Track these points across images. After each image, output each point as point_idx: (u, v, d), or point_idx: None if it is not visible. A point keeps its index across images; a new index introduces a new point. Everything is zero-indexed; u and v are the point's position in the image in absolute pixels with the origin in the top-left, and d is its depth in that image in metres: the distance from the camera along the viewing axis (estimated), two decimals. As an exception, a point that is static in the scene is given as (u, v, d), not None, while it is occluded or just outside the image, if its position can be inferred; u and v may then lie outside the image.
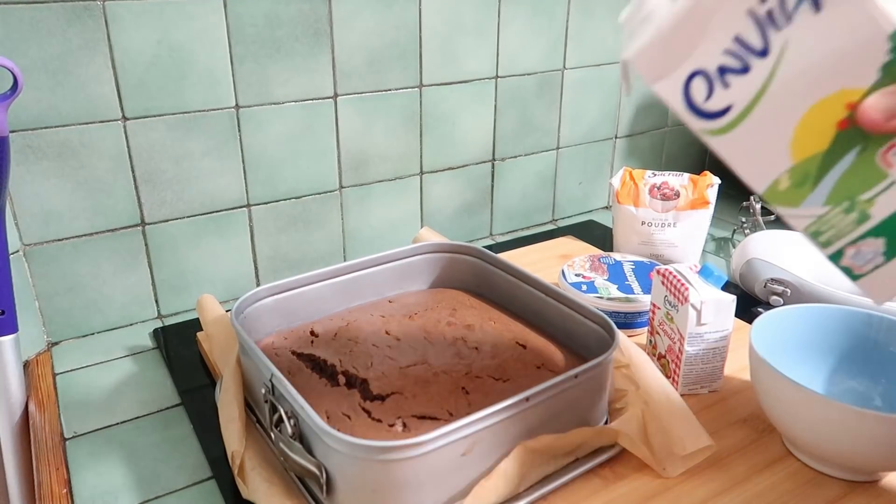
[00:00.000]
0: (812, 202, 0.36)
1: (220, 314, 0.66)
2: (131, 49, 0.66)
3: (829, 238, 0.37)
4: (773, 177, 0.36)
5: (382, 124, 0.82)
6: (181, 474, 0.54)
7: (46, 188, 0.66)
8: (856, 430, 0.47)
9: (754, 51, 0.33)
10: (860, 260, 0.37)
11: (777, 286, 0.73)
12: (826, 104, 0.34)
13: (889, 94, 0.33)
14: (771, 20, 0.33)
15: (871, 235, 0.36)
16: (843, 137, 0.34)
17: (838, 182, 0.35)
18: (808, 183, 0.36)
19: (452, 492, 0.46)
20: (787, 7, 0.32)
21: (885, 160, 0.34)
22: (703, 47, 0.34)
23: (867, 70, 0.32)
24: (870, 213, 0.36)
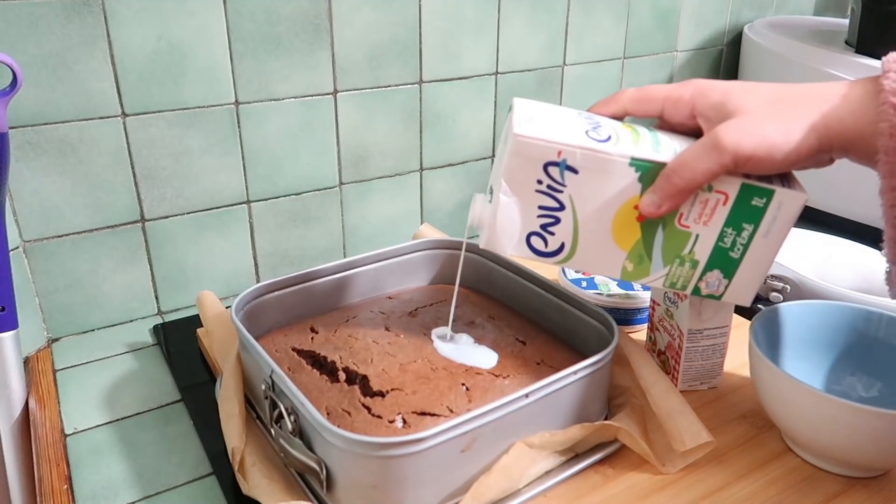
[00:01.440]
0: (655, 269, 0.49)
1: (220, 310, 0.66)
2: (131, 45, 0.66)
3: (682, 284, 0.49)
4: (620, 266, 0.49)
5: (382, 120, 0.82)
6: (181, 470, 0.54)
7: (46, 184, 0.66)
8: (855, 427, 0.47)
9: (555, 208, 0.47)
10: (713, 287, 0.49)
11: (777, 283, 0.73)
12: (623, 212, 0.46)
13: (651, 194, 0.45)
14: (553, 189, 0.46)
15: (707, 271, 0.48)
16: (646, 225, 0.47)
17: (663, 250, 0.48)
18: (644, 260, 0.48)
19: (452, 488, 0.46)
20: (556, 179, 0.46)
21: (682, 225, 0.47)
22: (524, 221, 0.47)
23: (632, 184, 0.45)
24: (696, 259, 0.48)
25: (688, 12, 1.04)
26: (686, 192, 0.44)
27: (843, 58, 0.93)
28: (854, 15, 0.98)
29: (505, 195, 0.46)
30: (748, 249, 0.47)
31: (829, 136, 0.42)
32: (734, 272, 0.48)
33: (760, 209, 0.46)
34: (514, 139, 0.44)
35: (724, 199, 0.45)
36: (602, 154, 0.45)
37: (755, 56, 1.06)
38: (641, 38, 1.00)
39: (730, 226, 0.46)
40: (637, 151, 0.45)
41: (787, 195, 0.45)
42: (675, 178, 0.44)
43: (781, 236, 0.47)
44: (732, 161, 0.43)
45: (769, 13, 1.16)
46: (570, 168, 0.45)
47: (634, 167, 0.45)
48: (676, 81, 1.08)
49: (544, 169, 0.45)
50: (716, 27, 1.09)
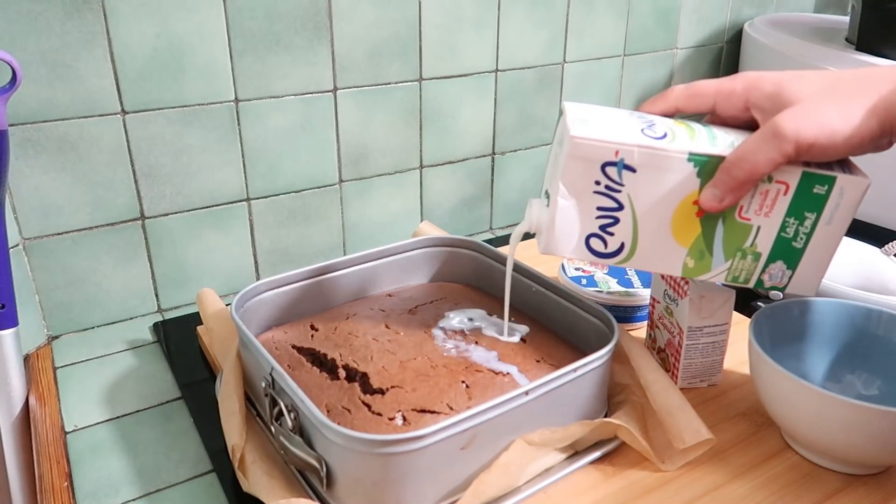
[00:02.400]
0: (717, 264, 0.48)
1: (220, 308, 0.66)
2: (130, 42, 0.66)
3: (745, 277, 0.49)
4: (681, 263, 0.49)
5: (382, 118, 0.82)
6: (182, 467, 0.54)
7: (46, 182, 0.66)
8: (854, 424, 0.47)
9: (614, 209, 0.47)
10: (776, 279, 0.49)
11: (777, 280, 0.73)
12: (682, 208, 0.46)
13: (711, 188, 0.45)
14: (611, 189, 0.46)
15: (770, 262, 0.48)
16: (706, 219, 0.47)
17: (724, 244, 0.48)
18: (705, 255, 0.48)
19: (452, 485, 0.46)
20: (614, 179, 0.46)
21: (743, 217, 0.47)
22: (582, 223, 0.47)
23: (691, 180, 0.45)
24: (758, 251, 0.48)
25: (688, 9, 1.04)
26: (748, 184, 0.44)
27: (843, 55, 0.93)
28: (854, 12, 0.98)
29: (563, 198, 0.46)
30: (811, 238, 0.47)
31: (889, 118, 0.42)
32: (798, 262, 0.48)
33: (822, 197, 0.45)
34: (571, 141, 0.44)
35: (784, 188, 0.45)
36: (660, 151, 0.45)
37: (755, 54, 1.05)
38: (642, 36, 1.00)
39: (792, 215, 0.46)
40: (694, 146, 0.45)
41: (849, 181, 0.45)
42: (735, 170, 0.44)
43: (845, 223, 0.46)
44: (794, 149, 0.42)
45: (769, 10, 1.16)
46: (628, 167, 0.45)
47: (693, 162, 0.45)
48: (677, 79, 1.09)
49: (602, 169, 0.45)
50: (716, 24, 1.09)
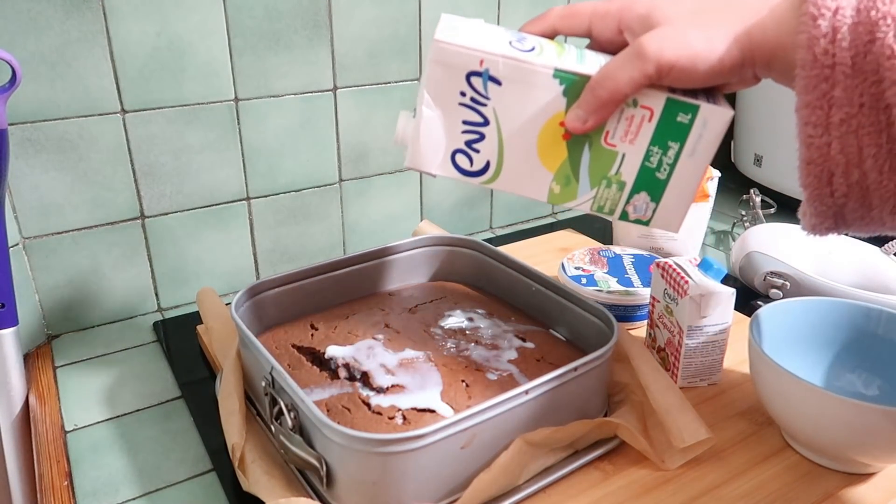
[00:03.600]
0: (582, 191, 0.48)
1: (220, 307, 0.66)
2: (130, 41, 0.66)
3: (610, 208, 0.48)
4: (546, 188, 0.48)
5: (382, 117, 0.82)
6: (182, 467, 0.54)
7: (46, 181, 0.66)
8: (854, 423, 0.47)
9: (479, 123, 0.46)
10: (640, 211, 0.48)
11: (776, 279, 0.73)
12: (548, 129, 0.46)
13: (576, 109, 0.44)
14: (476, 102, 0.45)
15: (634, 193, 0.47)
16: (572, 143, 0.46)
17: (590, 171, 0.47)
18: (571, 181, 0.47)
19: (452, 484, 0.46)
20: (480, 90, 0.45)
21: (609, 144, 0.46)
22: (448, 137, 0.46)
23: (557, 99, 0.45)
24: (623, 180, 0.47)
25: (688, 8, 1.03)
26: (611, 104, 0.43)
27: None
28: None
29: (428, 107, 0.45)
30: (675, 169, 0.46)
31: (751, 47, 0.41)
32: (661, 194, 0.47)
33: (686, 126, 0.45)
34: (435, 46, 0.44)
35: (649, 114, 0.45)
36: (525, 63, 0.44)
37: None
38: (641, 35, 1.00)
39: (656, 144, 0.45)
40: (561, 63, 0.44)
41: (713, 111, 0.44)
42: (599, 89, 0.43)
43: (707, 156, 0.46)
44: (655, 69, 0.42)
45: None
46: (493, 79, 0.44)
47: (559, 79, 0.44)
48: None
49: (467, 79, 0.44)
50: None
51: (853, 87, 0.37)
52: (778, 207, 0.94)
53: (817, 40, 0.37)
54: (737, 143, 1.08)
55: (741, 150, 1.06)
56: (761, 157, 1.00)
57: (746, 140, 1.04)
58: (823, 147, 0.38)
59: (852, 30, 0.36)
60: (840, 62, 0.37)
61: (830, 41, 0.37)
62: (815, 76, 0.37)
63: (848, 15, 0.37)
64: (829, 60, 0.37)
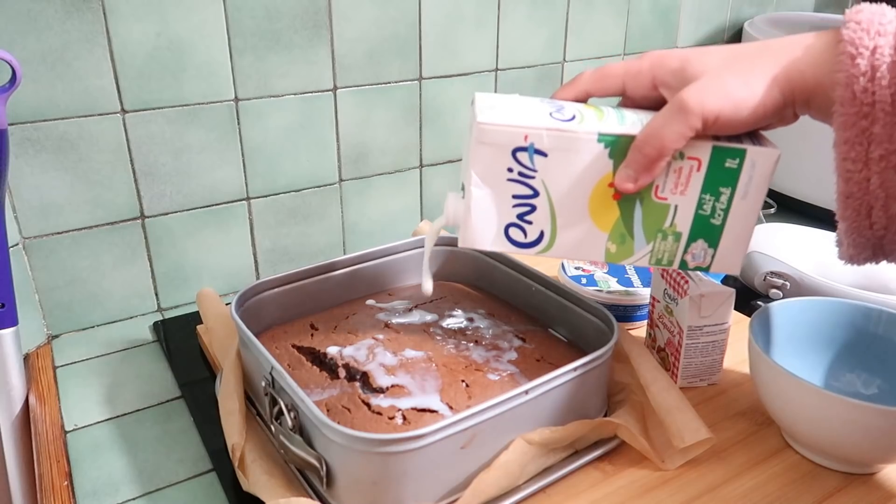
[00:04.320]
0: (639, 248, 0.48)
1: (220, 307, 0.66)
2: (130, 41, 0.66)
3: (668, 259, 0.49)
4: (603, 249, 0.48)
5: (382, 117, 0.82)
6: (182, 467, 0.54)
7: (46, 181, 0.66)
8: (854, 423, 0.47)
9: (530, 196, 0.46)
10: (699, 258, 0.48)
11: (776, 279, 0.73)
12: (598, 191, 0.46)
13: (624, 169, 0.45)
14: (524, 176, 0.46)
15: (691, 241, 0.48)
16: (623, 202, 0.47)
17: (644, 226, 0.47)
18: (627, 239, 0.48)
19: (452, 484, 0.46)
20: (526, 164, 0.45)
21: (660, 198, 0.46)
22: (500, 213, 0.47)
23: (604, 161, 0.45)
24: (679, 231, 0.47)
25: (688, 8, 1.04)
26: (659, 161, 0.44)
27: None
28: (854, 11, 0.98)
29: (477, 188, 0.46)
30: (729, 214, 0.47)
31: (791, 88, 0.42)
32: (719, 239, 0.48)
33: (735, 170, 0.45)
34: (478, 128, 0.44)
35: (697, 165, 0.45)
36: (568, 132, 0.44)
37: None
38: (641, 35, 1.00)
39: (707, 192, 0.46)
40: (603, 127, 0.45)
41: (760, 153, 0.45)
42: (646, 148, 0.43)
43: (760, 196, 0.46)
44: (701, 121, 0.42)
45: (769, 9, 1.16)
46: (539, 151, 0.45)
47: (603, 143, 0.45)
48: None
49: (513, 155, 0.45)
50: (716, 23, 1.09)
51: (893, 123, 0.38)
52: (778, 207, 0.94)
53: (856, 78, 0.38)
54: (737, 143, 1.08)
55: (741, 150, 1.06)
56: (761, 157, 1.00)
57: (746, 140, 1.04)
58: (863, 182, 0.40)
59: (891, 68, 0.37)
60: (880, 100, 0.38)
61: (870, 80, 0.38)
62: (854, 113, 0.38)
63: (886, 54, 0.38)
64: (868, 98, 0.38)
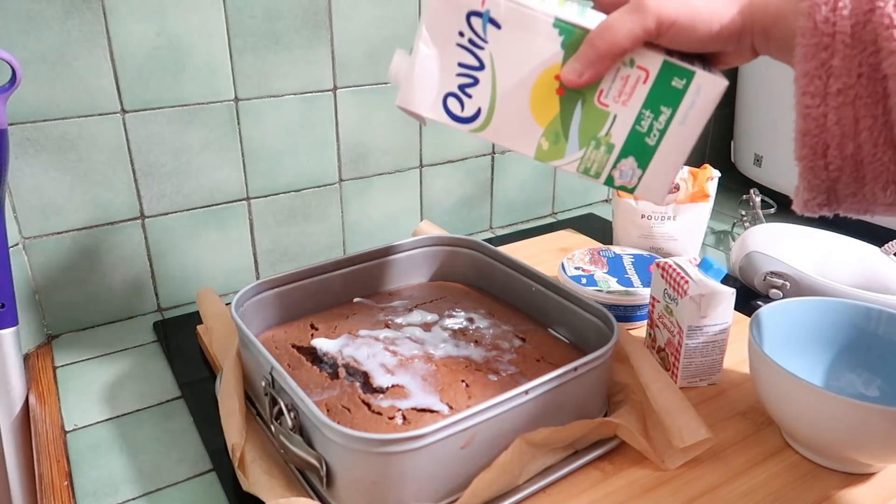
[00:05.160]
0: (570, 151, 0.47)
1: (219, 307, 0.66)
2: (130, 42, 0.66)
3: (596, 170, 0.48)
4: (535, 143, 0.47)
5: (382, 117, 0.82)
6: (181, 466, 0.54)
7: (46, 181, 0.66)
8: (854, 423, 0.47)
9: (475, 67, 0.45)
10: (626, 177, 0.48)
11: (776, 279, 0.73)
12: (542, 82, 0.45)
13: (573, 61, 0.44)
14: (474, 44, 0.45)
15: (622, 157, 0.47)
16: (565, 99, 0.46)
17: (580, 130, 0.46)
18: (560, 139, 0.47)
19: (452, 484, 0.46)
20: (479, 32, 0.44)
21: (601, 103, 0.45)
22: (442, 78, 0.46)
23: (555, 50, 0.44)
24: (612, 142, 0.46)
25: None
26: (608, 57, 0.43)
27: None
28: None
29: (425, 45, 0.45)
30: (664, 136, 0.46)
31: (751, 13, 0.41)
32: (649, 161, 0.47)
33: (680, 91, 0.44)
34: None
35: (644, 76, 0.45)
36: (527, 9, 0.44)
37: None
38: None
39: (648, 107, 0.45)
40: (562, 13, 0.44)
41: (707, 79, 0.44)
42: (597, 40, 0.43)
43: (698, 125, 0.45)
44: (655, 24, 0.42)
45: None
46: (494, 21, 0.44)
47: (559, 29, 0.44)
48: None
49: (467, 19, 0.44)
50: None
51: (852, 56, 0.37)
52: (778, 207, 0.94)
53: (818, 7, 0.37)
54: (737, 144, 1.08)
55: (741, 150, 1.06)
56: (761, 157, 1.00)
57: (746, 140, 1.04)
58: (820, 118, 0.38)
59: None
60: (840, 30, 0.37)
61: (832, 9, 0.37)
62: (814, 44, 0.38)
63: None
64: (829, 28, 0.37)
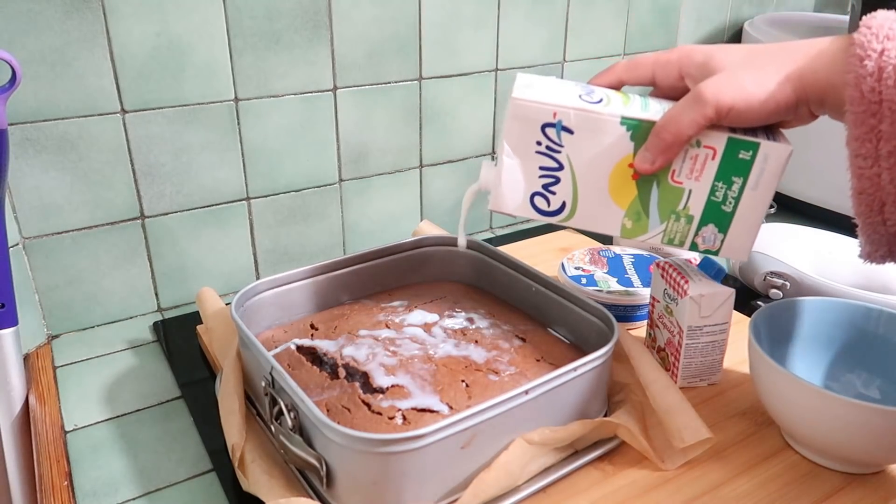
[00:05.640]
0: (653, 226, 0.52)
1: (219, 307, 0.66)
2: (130, 42, 0.66)
3: (680, 240, 0.52)
4: (619, 223, 0.52)
5: (382, 117, 0.82)
6: (181, 467, 0.54)
7: (46, 181, 0.66)
8: (854, 423, 0.47)
9: (555, 168, 0.50)
10: (709, 242, 0.52)
11: (776, 279, 0.73)
12: (618, 172, 0.50)
13: (643, 151, 0.48)
14: (551, 150, 0.50)
15: (702, 225, 0.51)
16: (641, 182, 0.50)
17: (659, 207, 0.51)
18: (642, 217, 0.51)
19: (452, 484, 0.46)
20: (554, 139, 0.49)
21: (675, 181, 0.50)
22: (527, 182, 0.51)
23: (625, 143, 0.49)
24: (691, 214, 0.51)
25: (688, 8, 1.04)
26: (675, 145, 0.47)
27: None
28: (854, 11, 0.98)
29: (508, 157, 0.50)
30: (739, 202, 0.50)
31: (803, 87, 0.44)
32: (728, 226, 0.51)
33: (748, 162, 0.48)
34: (513, 103, 0.49)
35: (712, 153, 0.48)
36: (594, 114, 0.48)
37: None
38: (641, 35, 1.00)
39: (720, 180, 0.49)
40: (627, 111, 0.48)
41: (772, 147, 0.47)
42: (663, 132, 0.47)
43: (770, 189, 0.49)
44: (714, 111, 0.45)
45: (769, 9, 1.16)
46: (566, 129, 0.49)
47: (625, 126, 0.48)
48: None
49: (542, 130, 0.49)
50: (716, 23, 1.09)
51: None
52: (778, 207, 0.94)
53: (864, 79, 0.40)
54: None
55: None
56: (761, 157, 1.00)
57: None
58: (874, 177, 0.41)
59: None
60: (887, 98, 0.40)
61: (877, 80, 0.40)
62: (862, 112, 0.41)
63: (893, 56, 0.40)
64: (875, 97, 0.40)
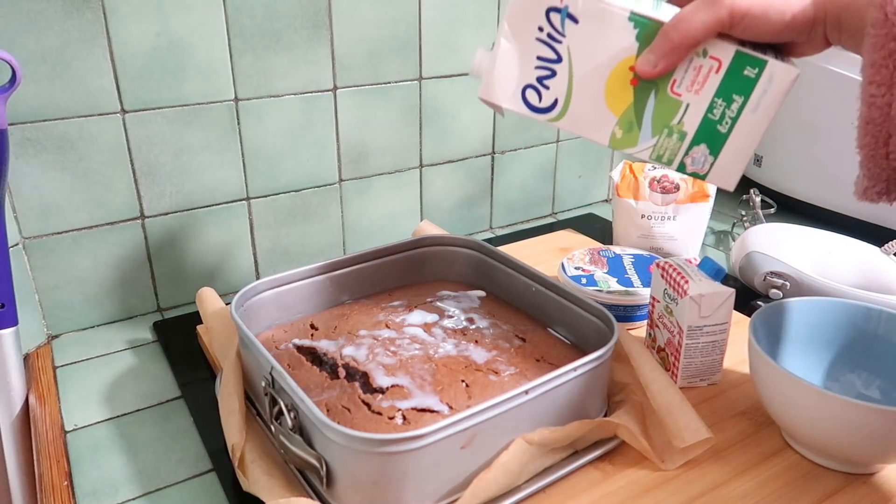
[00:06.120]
0: (644, 139, 0.49)
1: (219, 307, 0.66)
2: (130, 41, 0.66)
3: (669, 157, 0.49)
4: (609, 132, 0.49)
5: (382, 117, 0.82)
6: (181, 467, 0.54)
7: (45, 181, 0.66)
8: (854, 423, 0.47)
9: (553, 60, 0.47)
10: (698, 164, 0.49)
11: (776, 279, 0.73)
12: (616, 73, 0.47)
13: (647, 53, 0.45)
14: (552, 38, 0.47)
15: (694, 144, 0.48)
16: (639, 89, 0.47)
17: (653, 118, 0.48)
18: (634, 127, 0.48)
19: (452, 484, 0.46)
20: (557, 27, 0.46)
21: (674, 92, 0.47)
22: (521, 71, 0.48)
23: (629, 42, 0.46)
24: (684, 130, 0.48)
25: (688, 8, 1.03)
26: (682, 48, 0.44)
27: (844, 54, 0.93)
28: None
29: (505, 39, 0.47)
30: (736, 124, 0.47)
31: (823, 3, 0.42)
32: (720, 148, 0.48)
33: (752, 80, 0.45)
34: None
35: (717, 65, 0.46)
36: (603, 4, 0.45)
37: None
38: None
39: (720, 96, 0.46)
40: (638, 7, 0.46)
41: (780, 68, 0.45)
42: (671, 32, 0.44)
43: (770, 113, 0.46)
44: (728, 15, 0.42)
45: None
46: (571, 16, 0.46)
47: (633, 23, 0.45)
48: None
49: (546, 14, 0.46)
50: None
51: None
52: (778, 207, 0.94)
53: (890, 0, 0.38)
54: (737, 143, 1.08)
55: (741, 150, 1.06)
56: (761, 157, 1.00)
57: (746, 140, 1.04)
58: (884, 107, 0.39)
59: None
60: None
61: None
62: (884, 35, 0.38)
63: None
64: None
